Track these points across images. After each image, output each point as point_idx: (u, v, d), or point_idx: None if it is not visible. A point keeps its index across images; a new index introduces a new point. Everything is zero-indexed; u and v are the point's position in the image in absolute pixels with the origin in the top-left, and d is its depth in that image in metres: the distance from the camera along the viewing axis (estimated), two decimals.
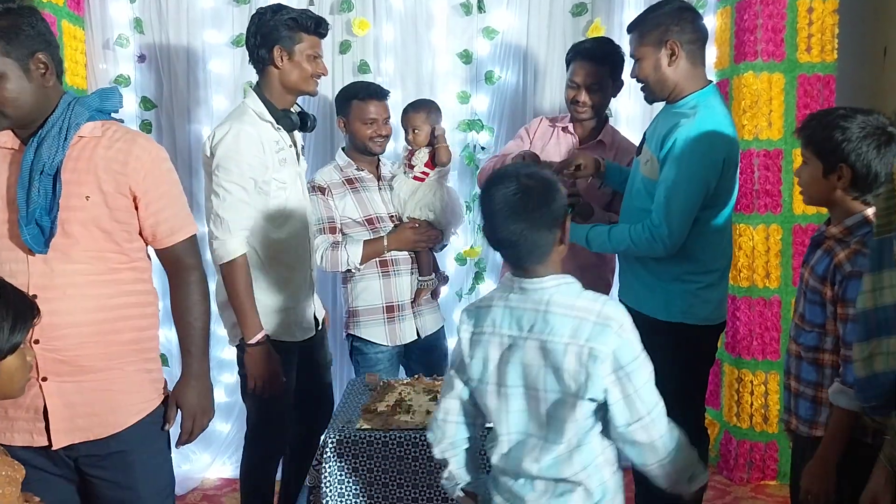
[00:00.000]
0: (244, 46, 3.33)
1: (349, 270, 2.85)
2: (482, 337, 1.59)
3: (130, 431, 1.81)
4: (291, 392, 2.57)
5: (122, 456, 1.80)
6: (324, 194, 2.81)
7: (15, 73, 1.68)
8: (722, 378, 3.43)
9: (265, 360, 2.35)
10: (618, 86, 2.89)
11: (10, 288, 1.50)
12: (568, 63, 2.87)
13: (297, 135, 2.61)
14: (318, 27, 2.43)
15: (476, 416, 1.68)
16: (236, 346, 2.52)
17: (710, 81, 2.43)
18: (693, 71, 2.39)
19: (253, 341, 2.33)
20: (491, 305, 1.60)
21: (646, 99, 2.52)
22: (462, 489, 1.70)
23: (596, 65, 2.77)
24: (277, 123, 2.43)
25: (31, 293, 1.65)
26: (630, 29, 2.45)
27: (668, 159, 2.31)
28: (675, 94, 2.40)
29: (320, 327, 2.70)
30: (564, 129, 2.93)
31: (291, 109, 2.51)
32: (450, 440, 1.68)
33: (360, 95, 2.83)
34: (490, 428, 1.65)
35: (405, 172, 2.91)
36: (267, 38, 2.39)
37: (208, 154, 2.36)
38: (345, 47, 3.40)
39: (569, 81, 2.85)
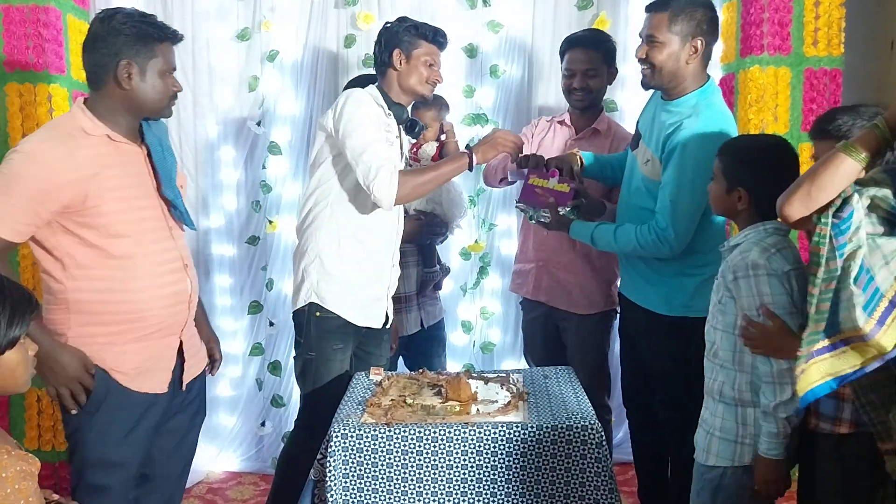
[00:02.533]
0: (249, 40, 3.39)
1: None
2: (799, 272, 1.83)
3: (199, 378, 2.23)
4: (346, 378, 2.56)
5: (192, 399, 2.19)
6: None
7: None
8: None
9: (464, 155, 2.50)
10: (612, 73, 2.91)
11: (7, 282, 1.46)
12: (562, 55, 2.91)
13: (405, 141, 2.69)
14: (436, 36, 2.57)
15: None
16: (293, 314, 2.57)
17: (709, 77, 2.42)
18: (701, 70, 2.38)
19: (470, 150, 2.51)
20: (788, 246, 1.87)
21: (643, 82, 2.46)
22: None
23: (590, 51, 2.82)
24: (389, 109, 2.55)
25: (185, 264, 2.07)
26: (659, 7, 2.36)
27: (672, 161, 2.30)
28: (679, 90, 2.38)
29: (388, 325, 2.68)
30: (561, 122, 2.97)
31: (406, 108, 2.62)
32: None
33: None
34: None
35: (411, 166, 2.92)
36: (389, 42, 2.55)
37: (332, 123, 2.43)
38: (349, 41, 3.39)
39: (564, 71, 2.89)
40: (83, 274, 1.91)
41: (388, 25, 2.58)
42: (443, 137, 3.00)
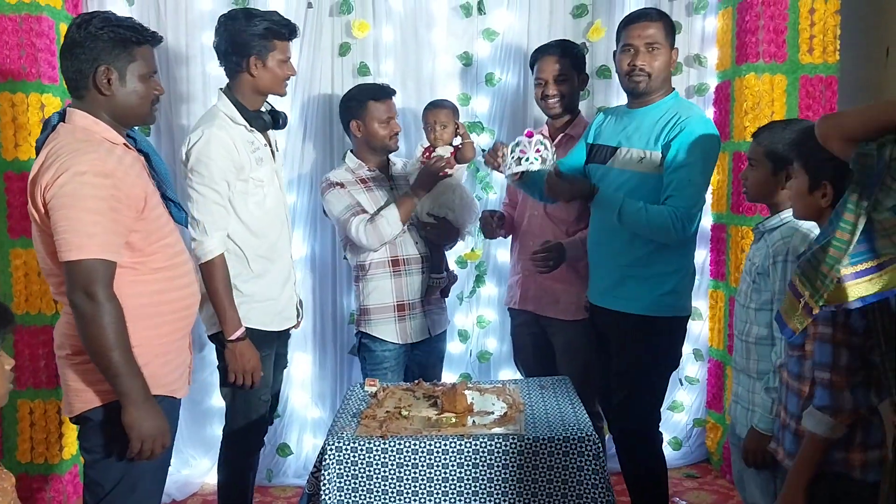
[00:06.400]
0: None
1: (362, 267, 2.85)
2: None
3: None
4: (270, 385, 2.64)
5: None
6: (343, 188, 2.82)
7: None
8: (725, 381, 3.42)
9: (246, 355, 2.45)
10: (583, 79, 2.98)
11: None
12: (532, 66, 2.97)
13: (271, 133, 2.69)
14: (291, 34, 2.53)
15: None
16: (212, 340, 2.57)
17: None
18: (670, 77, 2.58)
19: (233, 337, 2.43)
20: None
21: (634, 91, 2.54)
22: None
23: (558, 58, 2.88)
24: (251, 125, 2.51)
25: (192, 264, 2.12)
26: (654, 17, 2.52)
27: (684, 146, 2.39)
28: (654, 97, 2.53)
29: (300, 318, 2.76)
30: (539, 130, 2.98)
31: (262, 109, 2.59)
32: None
33: (378, 96, 2.82)
34: None
35: (424, 163, 2.88)
36: (242, 47, 2.47)
37: (183, 159, 2.47)
38: (344, 49, 3.38)
39: (536, 80, 2.95)
40: (138, 279, 1.90)
41: (237, 25, 2.46)
42: (457, 141, 2.95)
